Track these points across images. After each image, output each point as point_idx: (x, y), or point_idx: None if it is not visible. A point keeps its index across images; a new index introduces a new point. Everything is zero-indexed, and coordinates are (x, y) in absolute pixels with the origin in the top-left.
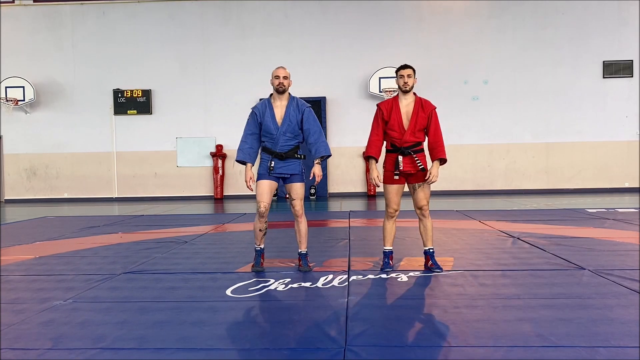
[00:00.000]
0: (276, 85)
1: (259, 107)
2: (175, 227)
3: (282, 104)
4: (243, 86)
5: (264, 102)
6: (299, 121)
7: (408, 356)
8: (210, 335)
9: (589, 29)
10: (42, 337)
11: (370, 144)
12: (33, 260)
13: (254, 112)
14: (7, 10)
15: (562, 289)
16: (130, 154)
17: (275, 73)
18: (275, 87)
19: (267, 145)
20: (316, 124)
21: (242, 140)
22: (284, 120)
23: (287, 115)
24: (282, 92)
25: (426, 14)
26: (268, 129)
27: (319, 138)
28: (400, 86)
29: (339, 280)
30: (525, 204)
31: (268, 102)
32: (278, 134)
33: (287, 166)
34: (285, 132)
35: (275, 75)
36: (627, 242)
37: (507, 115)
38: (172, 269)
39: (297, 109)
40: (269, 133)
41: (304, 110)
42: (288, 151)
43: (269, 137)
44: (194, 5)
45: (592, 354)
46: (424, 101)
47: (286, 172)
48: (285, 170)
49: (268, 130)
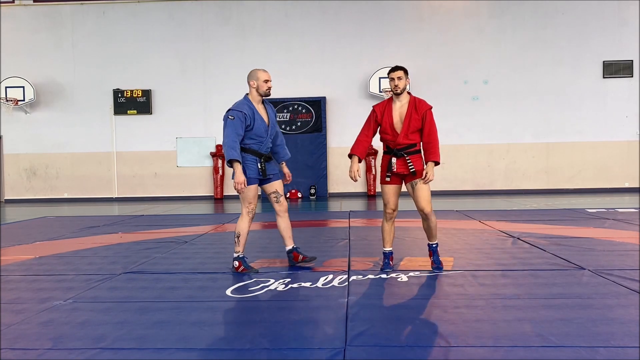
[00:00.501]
0: (266, 90)
1: (246, 110)
2: (175, 227)
3: (261, 105)
4: (243, 86)
5: (247, 105)
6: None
7: (408, 356)
8: (210, 335)
9: (589, 29)
10: (42, 337)
11: (356, 143)
12: (33, 260)
13: (242, 114)
14: (7, 10)
15: (562, 289)
16: (130, 154)
17: (265, 77)
18: (264, 91)
19: (253, 147)
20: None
21: (232, 140)
22: (270, 122)
23: (269, 117)
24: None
25: (426, 14)
26: (259, 131)
27: (284, 141)
28: (392, 89)
29: (339, 280)
30: (525, 204)
31: (250, 103)
32: (267, 136)
33: (273, 167)
34: (271, 133)
35: (265, 79)
36: (627, 242)
37: (507, 115)
38: (172, 269)
39: (272, 111)
40: (258, 136)
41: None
42: (269, 152)
43: (258, 139)
44: (193, 5)
45: (592, 354)
46: (419, 101)
47: (273, 172)
48: (273, 171)
49: (259, 133)
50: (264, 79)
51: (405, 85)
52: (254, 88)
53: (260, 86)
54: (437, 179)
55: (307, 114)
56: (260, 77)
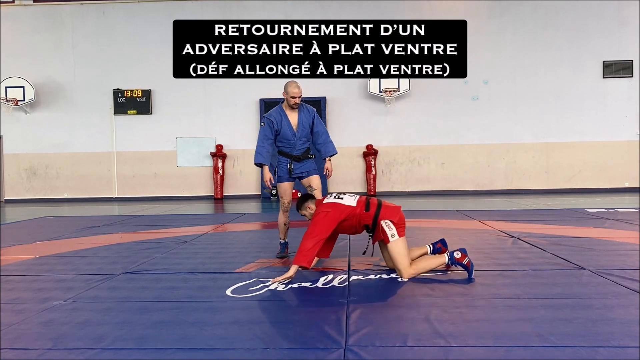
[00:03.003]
0: (292, 104)
1: (274, 116)
2: (175, 227)
3: (294, 112)
4: (243, 86)
5: (277, 111)
6: (310, 125)
7: (408, 356)
8: (210, 335)
9: (589, 29)
10: (42, 337)
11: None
12: (33, 260)
13: (270, 121)
14: (7, 10)
15: (562, 289)
16: (130, 154)
17: (292, 93)
18: (290, 104)
19: (284, 150)
20: (323, 126)
21: (259, 145)
22: (298, 126)
23: (300, 121)
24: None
25: (426, 14)
26: (286, 135)
27: (327, 139)
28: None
29: (339, 280)
30: (525, 204)
31: (281, 110)
32: (295, 140)
33: (304, 165)
34: (300, 137)
35: (292, 95)
36: (627, 242)
37: (507, 115)
38: (172, 269)
39: (308, 115)
40: (286, 139)
41: (314, 115)
42: (302, 153)
43: (286, 142)
44: (193, 5)
45: (592, 354)
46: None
47: (304, 170)
48: (303, 169)
49: (286, 137)
50: (291, 94)
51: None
52: (285, 98)
53: (288, 99)
54: (437, 179)
55: None
56: (289, 92)
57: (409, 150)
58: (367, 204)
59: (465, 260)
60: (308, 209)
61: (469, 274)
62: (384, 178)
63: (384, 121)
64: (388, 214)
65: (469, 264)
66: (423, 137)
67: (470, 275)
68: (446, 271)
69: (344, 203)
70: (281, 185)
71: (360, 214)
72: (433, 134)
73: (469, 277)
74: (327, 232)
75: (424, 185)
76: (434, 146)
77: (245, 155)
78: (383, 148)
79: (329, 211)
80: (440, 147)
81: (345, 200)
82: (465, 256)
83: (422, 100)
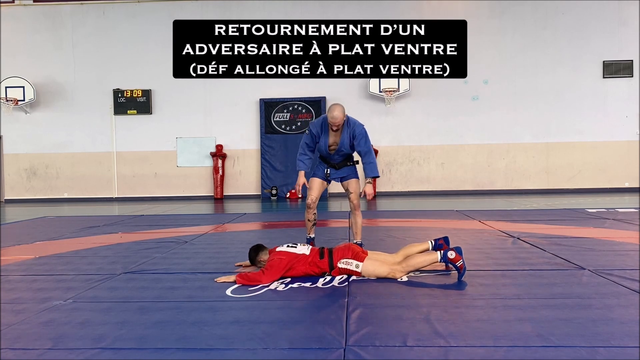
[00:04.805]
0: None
1: (317, 128)
2: (175, 227)
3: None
4: (243, 86)
5: (320, 124)
6: (352, 145)
7: (408, 356)
8: (210, 335)
9: (589, 29)
10: (42, 337)
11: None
12: (33, 260)
13: (312, 132)
14: (7, 10)
15: (562, 289)
16: (130, 154)
17: (329, 118)
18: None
19: (323, 156)
20: (367, 145)
21: (300, 153)
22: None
23: (341, 141)
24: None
25: (426, 14)
26: (321, 150)
27: (369, 159)
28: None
29: (339, 280)
30: (525, 204)
31: (325, 124)
32: (330, 155)
33: (340, 171)
34: (334, 155)
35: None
36: (627, 242)
37: (507, 115)
38: (172, 269)
39: (350, 135)
40: (320, 152)
41: (355, 135)
42: (341, 162)
43: (323, 154)
44: (194, 5)
45: (592, 354)
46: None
47: (340, 175)
48: (339, 175)
49: (321, 151)
50: (329, 119)
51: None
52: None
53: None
54: (437, 179)
55: (307, 114)
56: (328, 116)
57: (409, 150)
58: (321, 252)
59: (459, 262)
60: (261, 261)
61: (459, 275)
62: (384, 178)
63: (384, 121)
64: (341, 254)
65: (462, 267)
66: (423, 137)
67: (460, 277)
68: (447, 271)
69: (296, 252)
70: (313, 179)
71: (315, 262)
72: (433, 134)
73: (458, 279)
74: (279, 275)
75: (424, 185)
76: (434, 146)
77: (246, 155)
78: (383, 148)
79: (282, 258)
80: (440, 147)
81: (297, 249)
82: (460, 258)
83: (422, 100)
